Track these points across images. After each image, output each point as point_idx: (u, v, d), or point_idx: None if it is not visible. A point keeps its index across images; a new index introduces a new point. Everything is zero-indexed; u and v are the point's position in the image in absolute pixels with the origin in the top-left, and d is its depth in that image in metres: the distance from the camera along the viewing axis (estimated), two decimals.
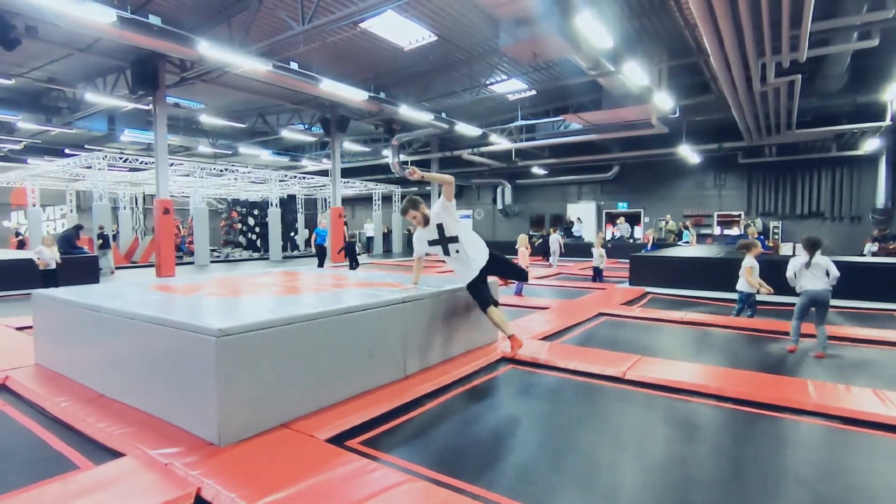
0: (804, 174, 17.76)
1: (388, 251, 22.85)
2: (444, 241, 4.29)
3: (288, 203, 22.45)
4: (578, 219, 20.95)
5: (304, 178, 20.79)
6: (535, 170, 21.95)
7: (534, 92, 14.95)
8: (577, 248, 16.83)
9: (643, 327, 6.20)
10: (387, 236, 23.70)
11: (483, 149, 18.33)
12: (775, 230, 17.96)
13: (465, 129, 15.34)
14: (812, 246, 4.73)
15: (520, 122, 16.19)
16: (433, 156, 20.57)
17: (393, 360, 3.81)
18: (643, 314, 6.80)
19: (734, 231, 18.40)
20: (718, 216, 19.33)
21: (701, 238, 18.00)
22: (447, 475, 2.54)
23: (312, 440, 2.81)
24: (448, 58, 12.39)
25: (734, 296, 6.38)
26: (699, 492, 2.43)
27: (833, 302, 5.00)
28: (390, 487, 2.29)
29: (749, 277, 5.87)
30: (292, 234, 22.95)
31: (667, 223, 17.98)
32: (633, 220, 20.66)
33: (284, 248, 20.33)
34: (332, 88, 11.26)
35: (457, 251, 4.30)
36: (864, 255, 13.45)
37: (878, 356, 4.84)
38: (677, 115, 13.67)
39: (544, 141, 16.98)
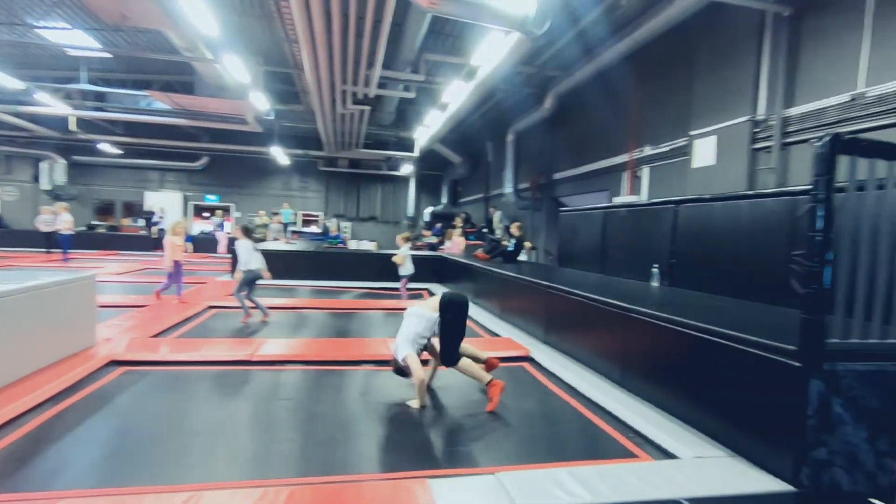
0: (367, 185, 22.25)
1: None
2: None
3: None
4: (161, 209, 18.91)
5: None
6: (105, 147, 18.39)
7: (109, 55, 12.61)
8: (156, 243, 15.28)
9: (257, 314, 6.56)
10: None
11: (26, 108, 13.95)
12: (345, 229, 21.66)
13: None
14: (246, 232, 5.83)
15: (85, 86, 13.22)
16: None
17: None
18: (250, 304, 7.12)
19: (314, 229, 21.01)
20: (303, 215, 21.58)
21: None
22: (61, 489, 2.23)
23: None
24: None
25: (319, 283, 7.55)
26: (289, 431, 3.08)
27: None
28: None
29: None
30: None
31: (260, 218, 18.68)
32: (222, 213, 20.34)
33: None
34: None
35: None
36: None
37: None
38: (272, 117, 14.55)
39: (120, 115, 14.56)
